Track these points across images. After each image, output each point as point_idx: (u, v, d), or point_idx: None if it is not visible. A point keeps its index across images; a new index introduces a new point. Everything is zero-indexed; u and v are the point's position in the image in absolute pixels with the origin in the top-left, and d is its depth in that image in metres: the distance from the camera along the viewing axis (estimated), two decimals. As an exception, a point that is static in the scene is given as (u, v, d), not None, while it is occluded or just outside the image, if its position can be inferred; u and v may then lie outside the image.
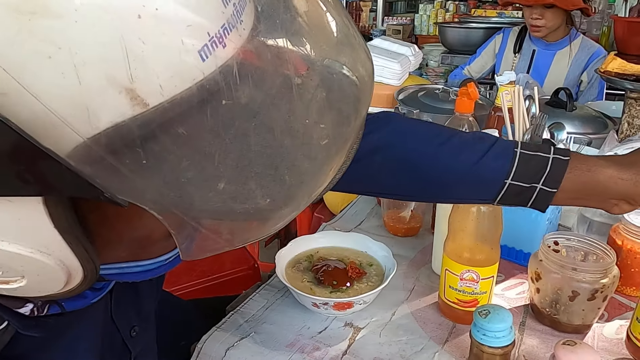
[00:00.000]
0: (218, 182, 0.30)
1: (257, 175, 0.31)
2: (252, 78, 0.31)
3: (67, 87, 0.26)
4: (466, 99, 0.93)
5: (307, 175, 0.35)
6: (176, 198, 0.30)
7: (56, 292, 0.38)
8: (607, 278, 0.70)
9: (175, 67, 0.28)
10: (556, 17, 1.79)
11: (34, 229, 0.32)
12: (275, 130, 0.31)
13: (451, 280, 0.74)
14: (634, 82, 1.12)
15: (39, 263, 0.34)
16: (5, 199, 0.30)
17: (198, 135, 0.29)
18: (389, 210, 1.03)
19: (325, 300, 0.73)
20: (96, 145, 0.27)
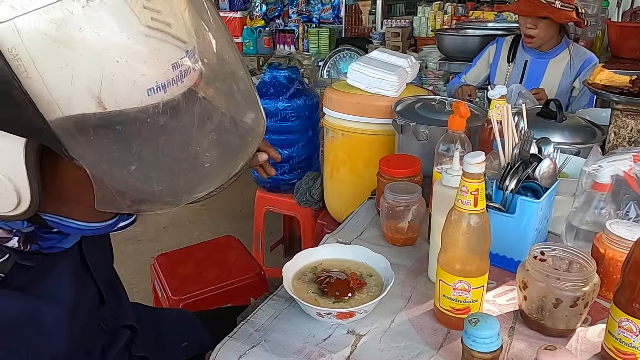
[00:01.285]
0: (130, 166, 0.50)
1: (156, 169, 0.52)
2: (172, 113, 0.51)
3: (64, 84, 0.45)
4: (458, 117, 0.99)
5: (189, 182, 0.56)
6: (103, 166, 0.50)
7: (6, 213, 0.53)
8: (588, 286, 0.76)
9: (128, 94, 0.48)
10: (549, 28, 1.85)
11: (8, 160, 0.49)
12: (175, 146, 0.53)
13: (445, 290, 0.80)
14: (619, 95, 1.18)
15: (4, 185, 0.51)
16: (2, 133, 0.47)
17: (128, 133, 0.49)
18: (387, 221, 1.09)
19: (328, 311, 0.79)
20: (69, 121, 0.46)
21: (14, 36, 0.43)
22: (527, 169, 0.95)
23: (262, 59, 6.06)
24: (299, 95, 2.07)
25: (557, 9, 1.78)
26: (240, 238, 1.98)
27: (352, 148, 1.66)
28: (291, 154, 2.15)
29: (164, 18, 0.49)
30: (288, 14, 6.44)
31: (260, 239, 2.41)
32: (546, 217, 1.02)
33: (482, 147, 1.23)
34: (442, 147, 1.03)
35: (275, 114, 2.06)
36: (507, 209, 0.96)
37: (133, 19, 0.47)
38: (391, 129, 1.46)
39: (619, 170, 0.97)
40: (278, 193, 2.27)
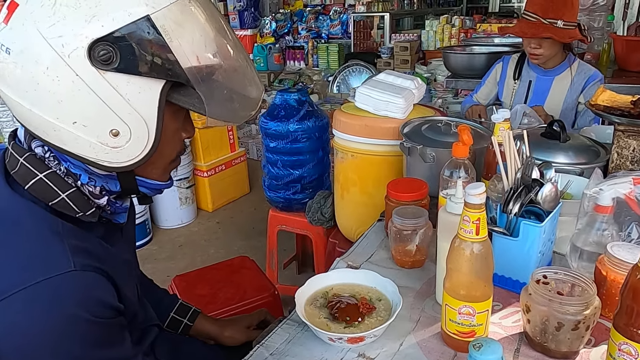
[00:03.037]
0: (224, 94, 0.77)
1: (233, 95, 0.79)
2: (232, 69, 0.80)
3: (189, 46, 0.71)
4: (461, 144, 1.03)
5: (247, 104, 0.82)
6: (210, 95, 0.74)
7: (133, 158, 0.73)
8: (589, 310, 0.79)
9: (211, 55, 0.76)
10: (553, 46, 1.88)
11: (149, 103, 0.70)
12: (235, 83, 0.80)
13: (451, 314, 0.84)
14: (620, 117, 1.21)
15: (141, 125, 0.71)
16: (144, 78, 0.69)
17: (221, 76, 0.77)
18: (395, 244, 1.13)
19: (339, 336, 0.83)
20: (192, 69, 0.71)
21: (162, 19, 0.68)
22: (530, 194, 0.98)
23: (272, 75, 6.15)
24: (309, 117, 2.12)
25: (560, 28, 1.81)
26: (253, 255, 2.03)
27: (362, 169, 1.70)
28: (302, 174, 2.20)
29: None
30: (297, 31, 6.55)
31: (274, 257, 2.45)
32: (550, 239, 1.05)
33: (487, 169, 1.27)
34: (446, 173, 1.07)
35: (286, 136, 2.11)
36: (511, 232, 0.99)
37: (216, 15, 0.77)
38: (400, 150, 1.50)
39: (619, 193, 1.00)
40: (290, 212, 2.31)
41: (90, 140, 0.69)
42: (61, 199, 0.72)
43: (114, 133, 0.70)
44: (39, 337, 0.65)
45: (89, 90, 0.66)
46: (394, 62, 5.55)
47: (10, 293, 0.64)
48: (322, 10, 6.57)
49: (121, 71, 0.67)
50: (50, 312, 0.65)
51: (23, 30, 0.65)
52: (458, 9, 8.07)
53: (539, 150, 1.30)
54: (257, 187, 3.91)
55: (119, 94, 0.68)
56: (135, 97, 0.69)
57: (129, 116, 0.69)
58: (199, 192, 3.55)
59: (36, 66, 0.65)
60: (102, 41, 0.65)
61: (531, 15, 1.87)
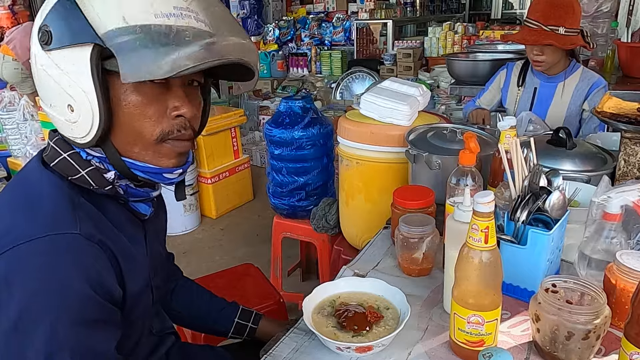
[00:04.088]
0: (146, 50, 0.71)
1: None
2: (172, 32, 0.73)
3: (102, 8, 0.71)
4: (468, 152, 1.02)
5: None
6: (134, 55, 0.70)
7: (87, 132, 0.75)
8: (599, 319, 0.78)
9: (142, 15, 0.73)
10: (556, 53, 1.88)
11: (82, 72, 0.71)
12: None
13: (459, 323, 0.83)
14: (627, 124, 1.20)
15: (83, 97, 0.73)
16: (72, 48, 0.71)
17: (145, 37, 0.71)
18: (402, 252, 1.13)
19: (347, 345, 0.82)
20: (112, 32, 0.70)
21: None
22: (537, 202, 0.98)
23: (275, 82, 6.17)
24: (314, 124, 2.12)
25: (562, 35, 1.81)
26: (257, 262, 2.02)
27: (367, 176, 1.70)
28: (307, 181, 2.20)
29: None
30: (300, 38, 6.58)
31: (278, 265, 2.45)
32: (558, 247, 1.04)
33: (493, 177, 1.26)
34: (453, 181, 1.07)
35: (291, 143, 2.11)
36: (519, 240, 0.99)
37: None
38: (405, 157, 1.50)
39: (628, 201, 0.99)
40: (295, 219, 2.31)
41: (61, 119, 0.78)
42: (81, 175, 0.79)
43: (71, 108, 0.76)
44: (34, 293, 0.69)
45: (44, 72, 0.75)
46: (396, 69, 5.56)
47: (17, 243, 0.70)
48: (325, 18, 6.60)
49: (57, 47, 0.72)
50: (47, 267, 0.70)
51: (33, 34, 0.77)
52: (460, 15, 8.09)
53: (545, 158, 1.30)
54: (260, 194, 3.91)
55: (60, 69, 0.73)
56: (72, 69, 0.73)
57: (71, 89, 0.74)
58: (202, 199, 3.55)
59: (34, 59, 0.77)
60: (43, 25, 0.73)
61: (533, 23, 1.88)
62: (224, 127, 3.56)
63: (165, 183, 0.86)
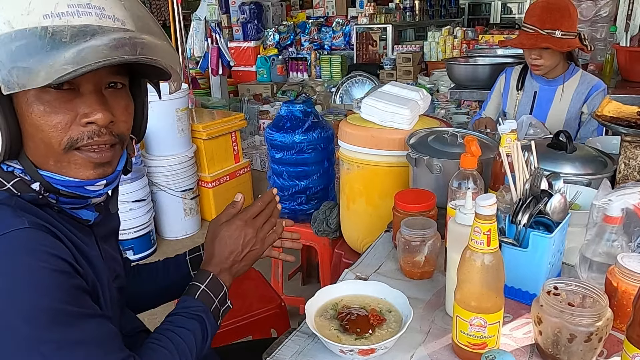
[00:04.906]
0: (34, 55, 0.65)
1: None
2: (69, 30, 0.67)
3: None
4: (469, 155, 1.03)
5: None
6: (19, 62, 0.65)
7: None
8: (601, 321, 0.79)
9: (28, 19, 0.66)
10: (554, 56, 1.89)
11: None
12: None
13: (462, 326, 0.84)
14: (627, 128, 1.21)
15: None
16: None
17: (32, 42, 0.65)
18: (404, 255, 1.13)
19: (350, 348, 0.83)
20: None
21: None
22: (539, 205, 0.98)
23: (275, 87, 6.19)
24: (315, 128, 2.13)
25: (558, 38, 1.82)
26: (258, 266, 2.02)
27: (368, 180, 1.70)
28: (308, 185, 2.20)
29: None
30: (300, 42, 6.60)
31: (279, 269, 2.45)
32: (559, 250, 1.04)
33: (494, 180, 1.27)
34: (455, 184, 1.07)
35: (291, 147, 2.12)
36: (521, 243, 0.99)
37: None
38: (406, 160, 1.50)
39: (628, 204, 1.00)
40: (296, 223, 2.31)
41: None
42: (7, 188, 0.74)
43: None
44: (2, 292, 0.66)
45: None
46: (396, 73, 5.58)
47: None
48: (324, 22, 6.62)
49: None
50: (5, 265, 0.67)
51: None
52: (459, 20, 8.13)
53: (545, 161, 1.30)
54: (261, 198, 3.91)
55: None
56: None
57: None
58: (203, 203, 3.55)
59: None
60: None
61: (529, 27, 1.89)
62: (224, 132, 3.57)
63: (92, 196, 0.80)
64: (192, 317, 0.89)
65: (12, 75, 0.63)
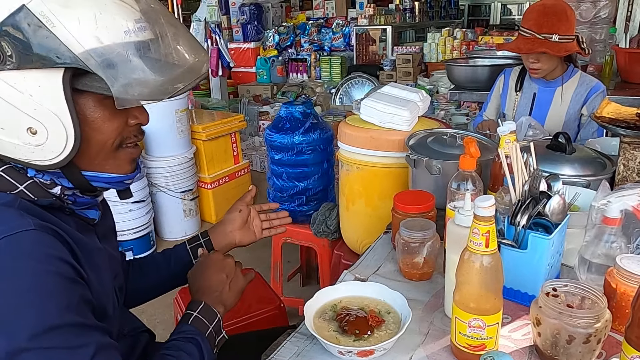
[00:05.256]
0: (132, 74, 0.70)
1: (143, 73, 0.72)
2: (143, 45, 0.73)
3: (76, 28, 0.67)
4: (468, 157, 1.03)
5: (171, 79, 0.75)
6: (114, 77, 0.69)
7: (60, 154, 0.72)
8: (600, 323, 0.79)
9: (113, 34, 0.72)
10: (552, 60, 1.88)
11: (52, 95, 0.68)
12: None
13: (460, 327, 0.83)
14: (626, 129, 1.21)
15: (53, 119, 0.69)
16: (38, 70, 0.67)
17: (120, 56, 0.70)
18: (403, 256, 1.13)
19: (349, 349, 0.83)
20: (86, 53, 0.68)
21: (40, 5, 0.66)
22: (538, 206, 0.98)
23: (275, 88, 6.18)
24: (314, 129, 2.13)
25: (555, 42, 1.81)
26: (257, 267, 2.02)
27: (367, 181, 1.70)
28: (307, 186, 2.20)
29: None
30: (300, 43, 6.60)
31: (279, 270, 2.45)
32: (558, 251, 1.04)
33: (493, 182, 1.27)
34: (454, 185, 1.07)
35: (291, 148, 2.12)
36: (520, 244, 0.99)
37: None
38: (405, 162, 1.50)
39: (627, 205, 1.00)
40: (295, 224, 2.31)
41: (14, 142, 0.71)
42: (19, 190, 0.75)
43: (32, 131, 0.70)
44: (6, 294, 0.66)
45: None
46: (396, 74, 5.58)
47: None
48: (324, 23, 6.63)
49: (12, 68, 0.67)
50: (10, 267, 0.67)
51: None
52: (459, 21, 8.14)
53: (544, 162, 1.30)
54: (260, 199, 3.91)
55: (19, 91, 0.68)
56: (36, 92, 0.68)
57: (36, 112, 0.69)
58: (202, 204, 3.55)
59: None
60: None
61: (526, 31, 1.87)
62: (224, 133, 3.57)
63: (122, 189, 0.87)
64: (188, 340, 0.90)
65: (127, 93, 0.69)
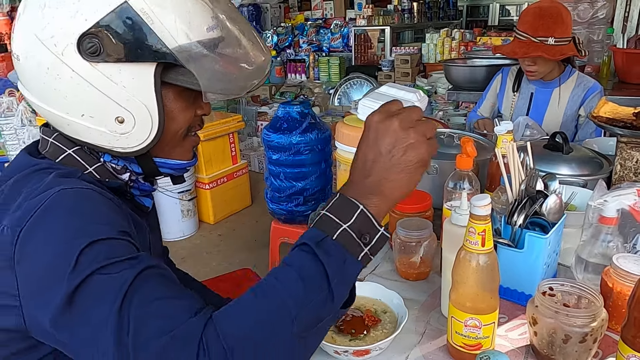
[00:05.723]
0: (213, 68, 0.74)
1: (224, 70, 0.75)
2: (221, 42, 0.76)
3: (172, 24, 0.71)
4: (465, 156, 1.03)
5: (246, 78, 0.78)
6: (201, 71, 0.72)
7: (142, 142, 0.76)
8: (596, 322, 0.78)
9: (198, 31, 0.75)
10: (547, 62, 1.87)
11: (144, 88, 0.72)
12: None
13: (457, 327, 0.83)
14: (623, 129, 1.21)
15: (142, 110, 0.73)
16: (133, 63, 0.71)
17: (206, 51, 0.74)
18: (400, 256, 1.13)
19: (345, 349, 0.82)
20: (179, 47, 0.71)
21: (141, 3, 0.69)
22: (534, 205, 0.98)
23: (274, 88, 6.18)
24: (312, 129, 2.13)
25: (551, 45, 1.79)
26: (256, 267, 2.03)
27: (365, 181, 1.70)
28: (305, 186, 2.20)
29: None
30: (299, 44, 6.60)
31: (276, 270, 2.44)
32: (555, 250, 1.04)
33: (490, 181, 1.27)
34: (450, 185, 1.07)
35: (289, 148, 2.12)
36: (516, 244, 0.99)
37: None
38: (402, 162, 1.50)
39: (624, 205, 1.00)
40: (293, 224, 2.31)
41: (100, 130, 0.74)
42: (89, 171, 0.78)
43: (120, 120, 0.74)
44: (65, 227, 0.66)
45: (87, 84, 0.71)
46: (394, 75, 5.58)
47: (31, 205, 0.67)
48: (323, 24, 6.63)
49: (110, 60, 0.70)
50: (69, 209, 0.67)
51: (24, 37, 0.72)
52: (458, 22, 8.13)
53: (542, 162, 1.30)
54: (258, 200, 3.91)
55: (114, 82, 0.71)
56: (130, 84, 0.72)
57: (128, 103, 0.73)
58: (200, 205, 3.55)
59: (39, 68, 0.71)
60: (88, 34, 0.69)
61: (522, 35, 1.86)
62: (222, 133, 3.56)
63: (176, 174, 0.91)
64: (299, 250, 0.70)
65: (213, 87, 0.72)
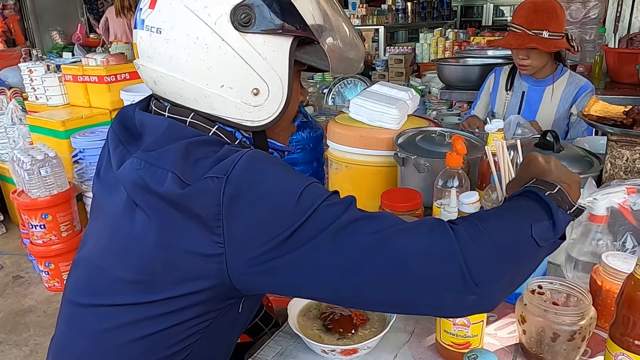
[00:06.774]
0: (338, 45, 0.81)
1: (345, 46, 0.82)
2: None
3: (308, 6, 0.78)
4: (455, 154, 1.02)
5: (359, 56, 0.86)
6: (331, 47, 0.79)
7: (271, 115, 0.79)
8: (585, 320, 0.78)
9: (319, 15, 0.82)
10: (541, 56, 1.89)
11: (282, 61, 0.76)
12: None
13: (445, 325, 0.83)
14: (613, 127, 1.21)
15: (277, 82, 0.77)
16: (277, 36, 0.75)
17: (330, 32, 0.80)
18: (390, 254, 1.12)
19: (333, 348, 0.81)
20: (314, 24, 0.77)
21: None
22: (524, 203, 0.98)
23: (268, 88, 6.16)
24: (304, 127, 2.11)
25: (545, 39, 1.82)
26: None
27: (356, 180, 1.69)
28: (297, 185, 2.19)
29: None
30: (293, 43, 6.58)
31: (268, 269, 2.43)
32: (545, 249, 1.04)
33: (481, 180, 1.26)
34: (440, 183, 1.06)
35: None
36: (506, 242, 0.98)
37: None
38: (394, 160, 1.50)
39: (613, 203, 0.99)
40: (285, 223, 2.30)
41: (236, 101, 0.77)
42: (213, 132, 0.79)
43: (255, 92, 0.77)
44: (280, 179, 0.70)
45: (234, 53, 0.74)
46: (388, 74, 5.58)
47: (229, 161, 0.70)
48: (317, 24, 6.61)
49: (258, 32, 0.74)
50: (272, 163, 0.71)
51: (172, 9, 0.74)
52: (452, 22, 8.15)
53: (532, 161, 1.30)
54: (251, 199, 3.88)
55: (258, 53, 0.75)
56: (271, 55, 0.75)
57: (267, 74, 0.76)
58: (193, 204, 3.52)
59: (187, 38, 0.73)
60: (242, 5, 0.73)
61: (517, 27, 1.89)
62: (214, 132, 3.53)
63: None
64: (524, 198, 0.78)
65: (341, 64, 0.79)
